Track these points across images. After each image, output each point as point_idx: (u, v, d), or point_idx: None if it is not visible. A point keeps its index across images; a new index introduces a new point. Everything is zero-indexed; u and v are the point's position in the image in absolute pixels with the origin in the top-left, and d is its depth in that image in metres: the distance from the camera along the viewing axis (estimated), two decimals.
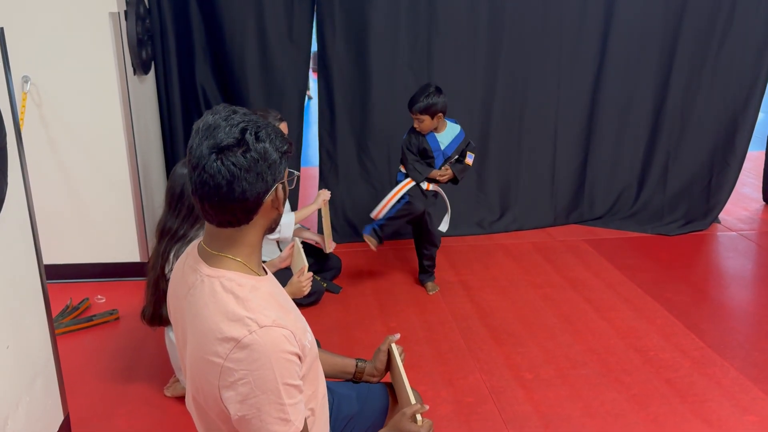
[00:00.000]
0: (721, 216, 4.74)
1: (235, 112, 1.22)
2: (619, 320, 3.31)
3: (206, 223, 1.30)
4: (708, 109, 4.47)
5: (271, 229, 1.33)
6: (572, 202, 4.67)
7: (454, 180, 3.46)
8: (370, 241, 3.46)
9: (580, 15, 4.24)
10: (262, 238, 1.33)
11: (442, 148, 3.40)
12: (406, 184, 3.43)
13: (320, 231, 3.72)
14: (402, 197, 3.42)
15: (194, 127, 1.23)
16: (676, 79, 4.40)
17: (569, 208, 4.67)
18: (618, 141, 4.57)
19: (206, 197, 1.21)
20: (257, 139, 1.20)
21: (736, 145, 4.52)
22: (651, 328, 3.23)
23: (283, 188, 1.28)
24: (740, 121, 4.48)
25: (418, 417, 1.47)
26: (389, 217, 3.44)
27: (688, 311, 3.41)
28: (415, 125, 3.34)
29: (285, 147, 1.25)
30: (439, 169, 3.42)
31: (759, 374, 2.84)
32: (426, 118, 3.27)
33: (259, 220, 1.28)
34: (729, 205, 4.77)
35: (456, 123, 3.48)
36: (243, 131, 1.19)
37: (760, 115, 4.72)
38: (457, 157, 3.46)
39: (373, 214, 3.48)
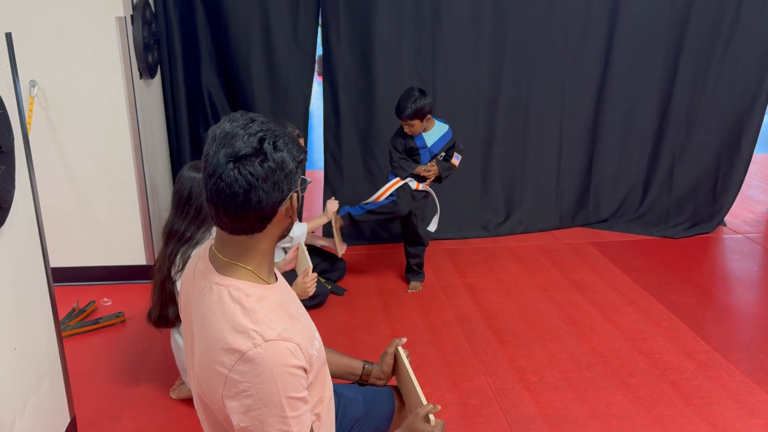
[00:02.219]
0: (726, 219, 4.72)
1: (253, 121, 1.21)
2: (624, 323, 3.31)
3: (218, 230, 1.29)
4: (713, 111, 4.47)
5: (283, 236, 1.33)
6: (577, 204, 4.67)
7: (438, 178, 3.50)
8: (340, 220, 3.51)
9: (584, 18, 4.24)
10: (274, 246, 1.33)
11: (429, 145, 3.44)
12: (396, 183, 3.48)
13: (329, 236, 3.74)
14: (390, 195, 3.47)
15: (210, 133, 1.22)
16: (681, 82, 4.39)
17: (574, 211, 4.67)
18: (623, 143, 4.57)
19: (222, 205, 1.20)
20: (275, 148, 1.19)
21: (742, 148, 4.51)
22: (656, 331, 3.23)
23: (297, 196, 1.28)
24: (746, 123, 4.47)
25: (431, 417, 1.48)
26: (371, 210, 3.51)
27: (694, 314, 3.40)
28: (406, 130, 3.40)
29: (301, 156, 1.25)
30: (425, 165, 3.45)
31: (765, 377, 2.83)
32: (416, 122, 3.33)
33: (273, 229, 1.27)
34: (735, 208, 4.75)
35: (444, 123, 3.51)
36: (261, 141, 1.18)
37: (766, 118, 4.70)
38: (443, 155, 3.50)
39: (372, 199, 3.54)
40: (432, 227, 3.67)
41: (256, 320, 1.22)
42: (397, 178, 3.49)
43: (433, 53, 4.16)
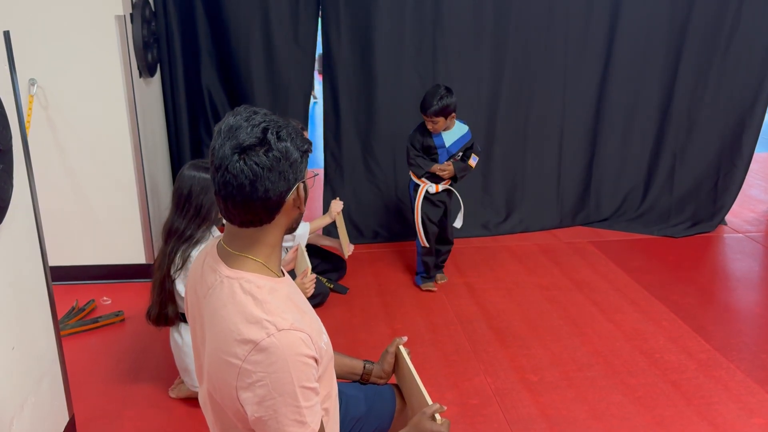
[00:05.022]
0: (727, 218, 4.72)
1: (255, 113, 1.23)
2: (625, 322, 3.30)
3: (227, 223, 1.31)
4: (714, 110, 4.46)
5: (292, 229, 1.34)
6: (578, 203, 4.66)
7: (453, 177, 3.49)
8: (429, 288, 3.64)
9: (585, 16, 4.23)
10: (282, 239, 1.34)
11: (447, 145, 3.44)
12: (419, 198, 3.48)
13: (335, 237, 3.75)
14: (421, 216, 3.50)
15: (216, 128, 1.24)
16: (682, 80, 4.38)
17: (575, 210, 4.66)
18: (624, 142, 4.56)
19: (229, 197, 1.21)
20: (279, 138, 1.21)
21: (743, 147, 4.51)
22: (657, 330, 3.22)
23: (305, 187, 1.29)
24: (747, 122, 4.46)
25: (437, 417, 1.49)
26: (422, 254, 3.61)
27: (695, 313, 3.40)
28: (429, 127, 3.38)
29: (306, 146, 1.27)
30: (441, 164, 3.45)
31: (766, 377, 2.83)
32: (440, 119, 3.33)
33: (281, 220, 1.28)
34: (736, 207, 4.75)
35: (464, 123, 3.51)
36: (264, 131, 1.20)
37: (767, 117, 4.69)
38: (461, 155, 3.49)
39: (422, 243, 3.56)
40: (458, 223, 3.67)
41: (269, 311, 1.23)
42: (420, 188, 3.47)
43: (434, 52, 4.15)
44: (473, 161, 3.50)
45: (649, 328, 3.25)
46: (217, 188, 1.23)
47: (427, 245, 3.55)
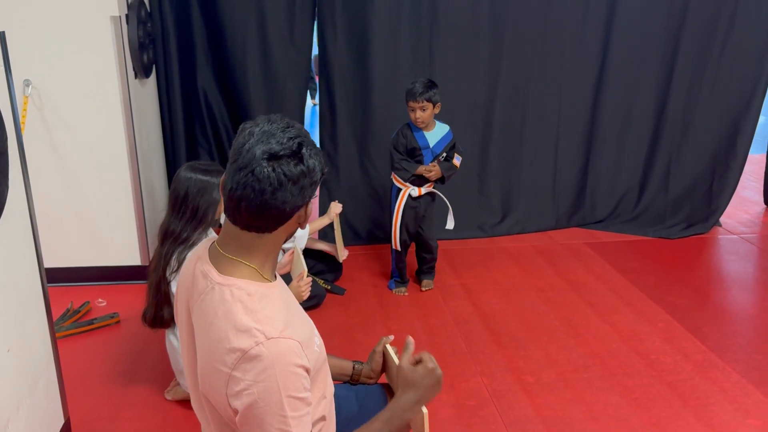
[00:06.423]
0: (722, 219, 4.73)
1: (291, 126, 1.25)
2: (621, 324, 3.31)
3: (226, 225, 1.30)
4: (709, 112, 4.47)
5: (286, 240, 1.36)
6: (574, 205, 4.67)
7: (440, 179, 3.47)
8: (400, 292, 3.64)
9: (581, 18, 4.24)
10: (279, 248, 1.35)
11: (431, 146, 3.43)
12: (401, 200, 3.45)
13: (331, 241, 3.74)
14: (402, 216, 3.47)
15: (245, 129, 1.24)
16: (677, 83, 4.40)
17: (571, 212, 4.67)
18: (620, 144, 4.57)
19: (245, 198, 1.21)
20: (310, 155, 1.23)
21: (738, 148, 4.52)
22: (653, 332, 3.23)
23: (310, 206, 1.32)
24: (741, 124, 4.48)
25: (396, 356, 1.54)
26: (396, 259, 3.62)
27: (690, 314, 3.41)
28: (417, 115, 3.32)
29: (325, 169, 1.30)
30: (426, 165, 3.43)
31: (761, 378, 2.84)
32: (429, 105, 3.31)
33: (281, 232, 1.29)
34: (730, 208, 4.77)
35: (444, 123, 3.50)
36: (300, 145, 1.22)
37: (761, 118, 4.72)
38: (445, 155, 3.49)
39: (393, 246, 3.55)
40: (449, 225, 3.66)
41: (258, 319, 1.23)
42: (402, 190, 3.45)
43: (430, 54, 4.15)
44: (457, 161, 3.49)
45: (645, 329, 3.25)
46: (233, 186, 1.22)
47: (399, 249, 3.54)
